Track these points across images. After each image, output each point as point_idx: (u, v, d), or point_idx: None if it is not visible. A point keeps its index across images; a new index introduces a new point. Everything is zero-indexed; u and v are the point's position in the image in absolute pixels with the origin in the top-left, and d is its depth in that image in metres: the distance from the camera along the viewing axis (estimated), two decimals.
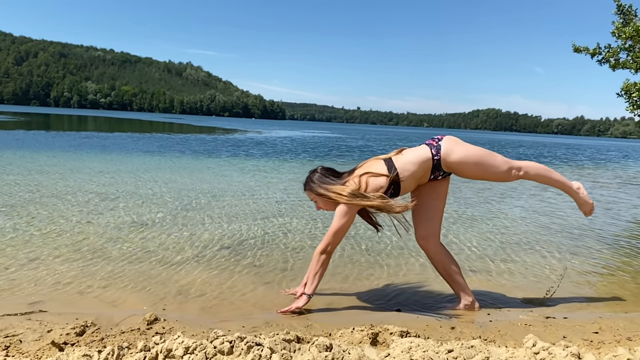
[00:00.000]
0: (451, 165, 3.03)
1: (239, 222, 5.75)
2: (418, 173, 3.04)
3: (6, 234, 4.69)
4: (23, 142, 16.32)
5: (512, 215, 7.19)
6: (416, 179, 3.07)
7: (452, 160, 3.01)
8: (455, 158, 3.00)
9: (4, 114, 52.85)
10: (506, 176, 3.08)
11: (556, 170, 3.33)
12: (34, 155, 12.26)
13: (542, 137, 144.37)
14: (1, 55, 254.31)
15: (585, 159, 25.50)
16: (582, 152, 36.10)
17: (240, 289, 3.52)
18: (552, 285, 3.82)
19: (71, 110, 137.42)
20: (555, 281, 4.00)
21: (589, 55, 12.20)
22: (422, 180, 3.11)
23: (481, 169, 3.04)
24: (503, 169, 3.06)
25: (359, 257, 4.48)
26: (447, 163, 3.02)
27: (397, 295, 3.54)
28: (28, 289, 3.30)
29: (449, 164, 3.03)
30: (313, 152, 20.06)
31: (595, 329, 2.87)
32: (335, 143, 28.54)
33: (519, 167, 3.10)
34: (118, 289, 3.39)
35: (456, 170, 3.07)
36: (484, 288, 3.78)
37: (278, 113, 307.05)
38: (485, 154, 3.06)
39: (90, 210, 5.99)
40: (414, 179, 3.06)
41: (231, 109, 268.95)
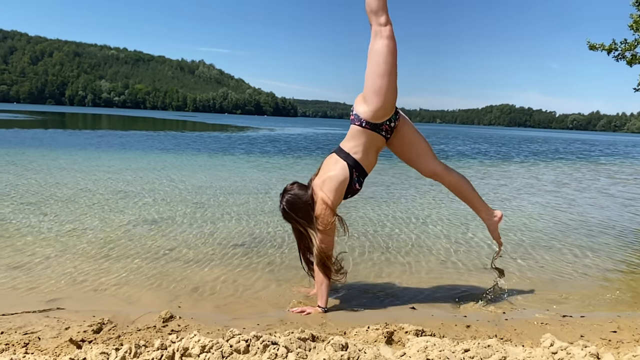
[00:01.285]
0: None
1: (254, 219, 5.77)
2: (370, 145, 3.04)
3: (25, 231, 4.75)
4: (42, 140, 16.52)
5: (529, 211, 7.13)
6: (373, 149, 3.08)
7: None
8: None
9: (21, 113, 53.53)
10: (426, 168, 3.24)
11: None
12: (54, 153, 12.41)
13: (557, 132, 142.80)
14: (17, 55, 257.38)
15: (601, 155, 25.18)
16: (597, 147, 35.66)
17: (254, 286, 3.53)
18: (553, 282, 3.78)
19: (85, 109, 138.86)
20: (572, 279, 3.96)
21: (605, 51, 12.00)
22: (380, 144, 3.11)
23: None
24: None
25: (375, 255, 4.47)
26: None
27: (411, 293, 3.52)
28: (46, 286, 3.35)
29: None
30: (327, 148, 20.04)
31: (614, 328, 2.83)
32: None
33: (444, 171, 3.25)
34: (134, 286, 3.42)
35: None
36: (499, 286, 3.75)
37: (290, 110, 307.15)
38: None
39: (107, 207, 6.04)
40: (371, 151, 3.07)
41: (243, 107, 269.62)
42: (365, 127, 2.99)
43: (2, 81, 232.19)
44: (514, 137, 52.67)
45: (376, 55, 2.86)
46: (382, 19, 2.86)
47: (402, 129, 3.14)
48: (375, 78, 2.88)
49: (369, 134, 3.00)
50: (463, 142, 32.53)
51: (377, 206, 6.92)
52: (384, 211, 6.57)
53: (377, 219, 6.04)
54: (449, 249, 4.79)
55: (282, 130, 41.32)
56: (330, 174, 3.00)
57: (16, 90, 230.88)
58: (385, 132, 3.05)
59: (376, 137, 3.03)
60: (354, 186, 3.06)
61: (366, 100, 2.95)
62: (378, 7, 2.86)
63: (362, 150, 3.03)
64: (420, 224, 5.88)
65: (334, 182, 2.97)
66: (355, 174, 3.04)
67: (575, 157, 22.54)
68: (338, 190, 2.99)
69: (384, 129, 3.03)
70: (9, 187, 7.10)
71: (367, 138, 3.01)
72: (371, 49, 2.88)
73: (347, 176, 2.99)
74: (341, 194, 3.02)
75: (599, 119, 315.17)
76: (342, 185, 2.99)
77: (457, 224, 5.97)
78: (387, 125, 3.03)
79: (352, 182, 3.03)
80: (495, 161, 17.38)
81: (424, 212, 6.69)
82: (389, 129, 3.06)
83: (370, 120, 2.96)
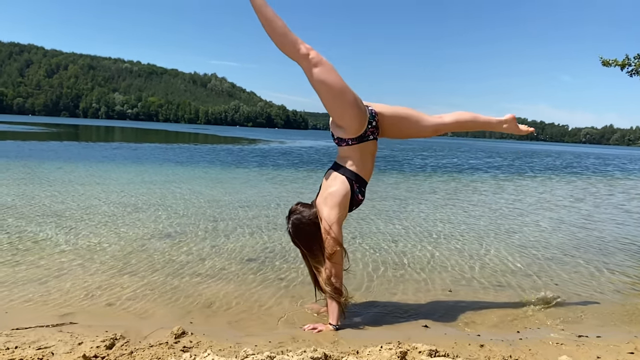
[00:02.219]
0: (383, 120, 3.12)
1: (267, 233, 5.77)
2: (364, 155, 3.06)
3: (41, 244, 4.80)
4: (58, 152, 16.75)
5: (545, 227, 7.06)
6: (368, 157, 3.09)
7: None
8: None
9: (37, 125, 54.30)
10: (428, 128, 3.23)
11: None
12: (70, 166, 12.55)
13: (570, 146, 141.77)
14: (33, 68, 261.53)
15: (616, 169, 24.91)
16: (612, 161, 35.29)
17: (266, 302, 3.52)
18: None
19: (99, 121, 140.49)
20: (588, 297, 3.91)
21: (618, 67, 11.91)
22: (374, 148, 3.12)
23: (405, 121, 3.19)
24: (426, 121, 3.23)
25: (387, 271, 4.45)
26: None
27: (424, 310, 3.49)
28: (59, 300, 3.37)
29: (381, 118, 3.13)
30: None
31: (631, 349, 2.78)
32: None
33: (440, 118, 3.27)
34: (146, 301, 3.43)
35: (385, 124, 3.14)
36: (513, 303, 3.70)
37: (301, 123, 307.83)
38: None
39: (121, 221, 6.08)
40: (367, 160, 3.08)
41: (255, 119, 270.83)
42: (353, 143, 3.02)
43: (18, 94, 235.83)
44: (526, 151, 52.33)
45: (320, 85, 2.89)
46: (300, 51, 2.86)
47: (385, 118, 3.13)
48: (333, 104, 2.94)
49: (359, 147, 3.03)
50: (475, 156, 32.36)
51: (390, 221, 6.89)
52: (397, 226, 6.54)
53: (390, 234, 6.01)
54: (463, 266, 4.75)
55: (293, 142, 41.42)
56: (331, 190, 3.00)
57: (32, 103, 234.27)
58: (372, 135, 3.07)
59: (367, 145, 3.06)
60: (357, 197, 3.07)
61: (338, 125, 3.01)
62: (288, 43, 2.86)
63: (358, 162, 3.05)
64: (434, 240, 5.84)
65: (336, 197, 2.97)
66: (356, 185, 3.04)
67: (589, 171, 22.32)
68: (341, 205, 2.98)
69: (369, 133, 3.04)
70: (26, 199, 7.18)
71: (359, 150, 3.04)
72: (312, 81, 2.91)
73: (348, 189, 3.00)
74: (345, 208, 3.01)
75: (613, 133, 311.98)
76: (345, 198, 2.99)
77: (471, 240, 5.92)
78: (370, 128, 3.04)
79: (354, 193, 3.03)
80: (508, 175, 17.27)
81: (438, 227, 6.65)
82: (373, 129, 3.07)
83: (354, 136, 2.99)
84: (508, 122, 3.51)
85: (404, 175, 14.94)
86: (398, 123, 3.18)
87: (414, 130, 3.25)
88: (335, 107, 2.97)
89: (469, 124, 3.38)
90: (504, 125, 3.50)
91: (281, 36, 2.86)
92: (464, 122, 3.36)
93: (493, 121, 3.48)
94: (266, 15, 2.84)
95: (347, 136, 3.01)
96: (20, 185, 8.55)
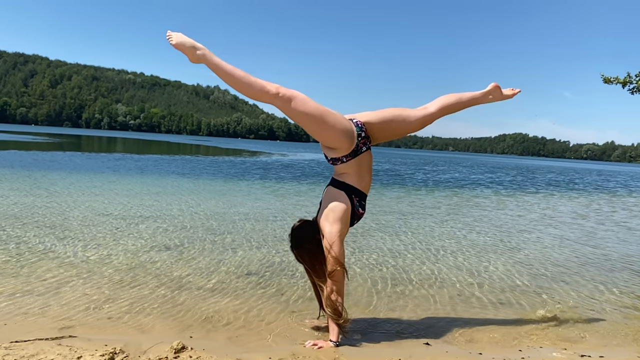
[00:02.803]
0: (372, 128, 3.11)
1: (268, 247, 5.76)
2: (360, 167, 3.07)
3: (41, 255, 4.78)
4: (61, 163, 16.77)
5: (548, 244, 7.03)
6: (365, 168, 3.10)
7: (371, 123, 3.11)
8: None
9: (40, 135, 54.48)
10: (416, 122, 3.19)
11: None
12: (73, 176, 12.58)
13: (572, 162, 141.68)
14: (37, 78, 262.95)
15: (618, 186, 24.87)
16: (614, 178, 35.26)
17: (266, 317, 3.50)
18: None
19: (101, 132, 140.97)
20: (591, 315, 3.88)
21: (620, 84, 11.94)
22: (369, 158, 3.14)
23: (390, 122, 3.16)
24: (414, 116, 3.20)
25: (389, 287, 4.43)
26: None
27: (425, 327, 3.46)
28: (59, 313, 3.35)
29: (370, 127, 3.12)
30: None
31: None
32: None
33: (425, 109, 3.24)
34: (147, 315, 3.41)
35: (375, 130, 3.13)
36: (515, 321, 3.68)
37: (302, 135, 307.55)
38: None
39: (122, 233, 6.08)
40: (364, 172, 3.09)
41: (257, 132, 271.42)
42: (348, 159, 3.03)
43: (22, 104, 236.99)
44: (528, 167, 52.34)
45: (299, 117, 2.92)
46: (270, 92, 2.88)
47: (373, 126, 3.12)
48: (318, 130, 2.97)
49: (354, 161, 3.04)
50: (477, 171, 32.35)
51: (393, 236, 6.87)
52: (399, 241, 6.53)
53: (392, 249, 5.99)
54: (465, 282, 4.73)
55: (295, 155, 41.48)
56: (331, 205, 3.00)
57: (35, 113, 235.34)
58: (365, 146, 3.08)
59: (362, 157, 3.07)
60: (357, 211, 3.07)
61: (329, 147, 3.04)
62: (256, 90, 2.88)
63: (355, 176, 3.06)
64: (436, 255, 5.82)
65: (337, 212, 2.97)
66: (356, 200, 3.05)
67: (591, 188, 22.30)
68: (343, 220, 2.97)
69: (361, 145, 3.05)
70: (29, 210, 7.18)
71: (355, 165, 3.05)
72: (291, 116, 2.96)
73: (348, 204, 3.00)
74: (347, 223, 3.01)
75: (614, 149, 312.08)
76: (346, 213, 2.99)
77: (473, 256, 5.90)
78: (361, 141, 3.04)
79: (355, 207, 3.04)
80: (510, 191, 17.25)
81: (440, 242, 6.64)
82: (365, 141, 3.07)
83: (347, 153, 3.00)
84: (492, 92, 3.46)
85: (406, 190, 14.93)
86: (387, 126, 3.16)
87: (403, 129, 3.23)
88: (320, 133, 2.99)
89: (455, 106, 3.36)
90: (489, 96, 3.45)
91: (247, 85, 2.89)
92: (450, 106, 3.33)
93: (478, 95, 3.43)
94: (226, 72, 2.88)
95: (340, 155, 3.02)
96: (24, 196, 8.56)
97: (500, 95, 3.50)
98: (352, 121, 3.06)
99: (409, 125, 3.21)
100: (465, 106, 3.42)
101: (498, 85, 3.47)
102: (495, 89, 3.47)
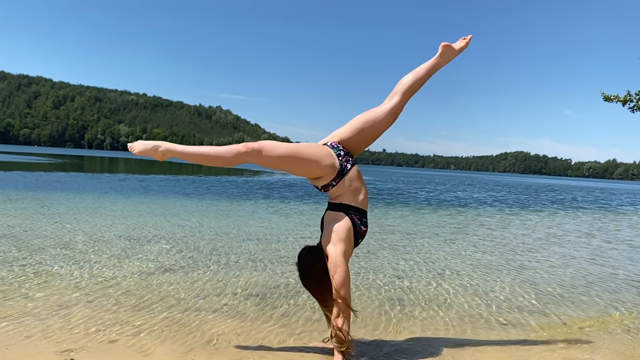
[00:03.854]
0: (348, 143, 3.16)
1: (274, 267, 5.70)
2: (352, 185, 3.08)
3: (45, 277, 4.73)
4: (65, 184, 16.75)
5: (555, 263, 6.97)
6: (358, 184, 3.11)
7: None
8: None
9: (43, 156, 54.68)
10: (386, 118, 3.18)
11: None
12: (79, 197, 12.56)
13: (574, 180, 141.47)
14: (41, 99, 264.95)
15: (622, 204, 24.77)
16: (617, 196, 35.15)
17: (270, 340, 3.45)
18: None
19: (104, 152, 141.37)
20: (599, 337, 3.80)
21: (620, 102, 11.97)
22: (357, 172, 3.13)
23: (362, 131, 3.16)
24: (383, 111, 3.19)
25: (394, 309, 4.37)
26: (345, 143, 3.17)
27: (430, 350, 3.40)
28: (61, 336, 3.30)
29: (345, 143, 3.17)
30: None
31: None
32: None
33: (389, 101, 3.21)
34: (149, 338, 3.36)
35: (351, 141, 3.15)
36: (522, 341, 3.62)
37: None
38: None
39: (129, 254, 6.03)
40: (357, 187, 3.10)
41: None
42: (337, 182, 3.04)
43: (25, 125, 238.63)
44: (531, 185, 52.26)
45: (275, 163, 3.01)
46: (240, 152, 2.96)
47: (348, 141, 3.16)
48: (298, 169, 3.06)
49: (344, 181, 3.05)
50: (479, 190, 32.28)
51: (398, 256, 6.82)
52: (405, 261, 6.48)
53: (398, 269, 5.94)
54: (472, 302, 4.66)
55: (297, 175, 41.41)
56: (333, 227, 2.99)
57: (38, 134, 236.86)
58: (349, 163, 3.09)
59: (351, 175, 3.07)
60: (360, 229, 3.05)
61: (316, 179, 3.08)
62: (231, 157, 2.98)
63: (350, 194, 3.06)
64: (442, 275, 5.76)
65: (339, 232, 2.96)
66: (356, 218, 3.03)
67: (595, 206, 22.21)
68: (346, 240, 2.96)
69: (345, 164, 3.06)
70: (33, 230, 7.15)
71: (346, 184, 3.05)
72: (269, 166, 3.05)
73: (349, 223, 2.99)
74: (350, 242, 2.99)
75: (616, 167, 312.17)
76: (349, 233, 2.97)
77: (479, 276, 5.84)
78: (343, 160, 3.06)
79: (356, 226, 3.02)
80: (515, 209, 17.18)
81: (446, 262, 6.58)
82: (347, 158, 3.09)
83: (334, 176, 3.02)
84: (445, 53, 3.30)
85: (410, 209, 14.87)
86: (361, 135, 3.17)
87: (377, 130, 3.21)
88: (301, 169, 3.04)
89: (416, 84, 3.27)
90: (441, 58, 3.31)
91: (218, 156, 3.00)
92: (411, 86, 3.25)
93: (432, 62, 3.30)
94: (195, 154, 3.03)
95: (328, 180, 3.04)
96: (29, 217, 8.53)
97: (454, 51, 3.34)
98: (326, 145, 3.09)
99: (381, 124, 3.19)
100: (426, 78, 3.31)
101: (447, 44, 3.31)
102: (446, 48, 3.30)
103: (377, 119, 3.18)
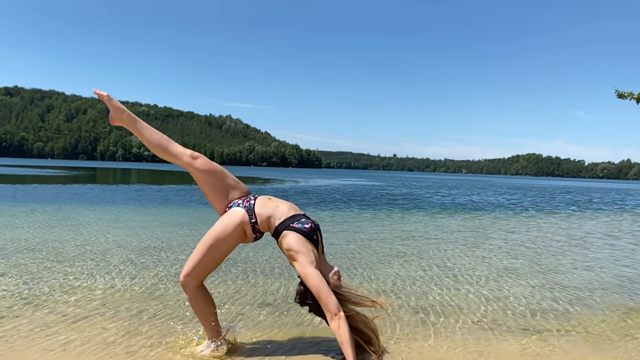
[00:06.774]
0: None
1: (287, 276, 5.61)
2: (266, 204, 3.26)
3: (63, 288, 4.70)
4: (84, 196, 16.68)
5: (580, 265, 6.88)
6: (266, 200, 3.31)
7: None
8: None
9: (58, 169, 55.14)
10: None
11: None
12: (102, 210, 12.49)
13: (588, 182, 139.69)
14: (53, 113, 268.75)
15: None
16: (634, 197, 34.59)
17: (284, 352, 3.38)
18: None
19: (116, 164, 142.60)
20: (613, 343, 3.64)
21: (634, 100, 11.76)
22: (264, 198, 3.32)
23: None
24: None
25: (405, 315, 4.30)
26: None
27: (443, 357, 3.32)
28: (78, 348, 3.27)
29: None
30: (357, 200, 19.87)
31: None
32: (377, 191, 28.18)
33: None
34: (164, 349, 3.32)
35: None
36: (540, 348, 3.52)
37: (314, 162, 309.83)
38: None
39: (144, 265, 6.00)
40: (271, 201, 3.31)
41: (269, 159, 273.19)
42: (257, 219, 3.17)
43: (38, 138, 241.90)
44: (545, 187, 51.68)
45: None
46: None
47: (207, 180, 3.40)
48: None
49: (259, 214, 3.17)
50: (494, 193, 31.92)
51: (417, 261, 6.78)
52: (413, 268, 6.41)
53: (407, 276, 5.89)
54: (483, 309, 4.58)
55: (307, 182, 41.33)
56: (287, 247, 3.05)
57: (51, 147, 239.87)
58: (252, 199, 3.28)
59: (258, 204, 3.20)
60: (305, 229, 3.08)
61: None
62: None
63: (275, 216, 3.16)
64: (453, 282, 5.69)
65: (293, 247, 3.02)
66: (296, 225, 3.09)
67: (614, 206, 21.85)
68: (302, 249, 3.02)
69: (246, 205, 3.22)
70: (56, 242, 7.11)
71: (263, 215, 3.17)
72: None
73: (294, 234, 3.05)
74: (307, 246, 3.03)
75: (630, 167, 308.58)
76: (300, 241, 3.03)
77: (490, 281, 5.72)
78: (245, 203, 3.24)
79: (300, 230, 3.06)
80: (532, 212, 16.98)
81: (456, 268, 6.48)
82: (247, 198, 3.29)
83: (251, 220, 3.17)
84: (111, 107, 3.36)
85: (427, 213, 14.72)
86: (210, 179, 3.41)
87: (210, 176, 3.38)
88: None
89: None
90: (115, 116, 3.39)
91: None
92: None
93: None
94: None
95: (252, 231, 3.19)
96: (52, 228, 8.51)
97: (112, 106, 3.37)
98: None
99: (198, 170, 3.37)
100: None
101: (106, 95, 3.32)
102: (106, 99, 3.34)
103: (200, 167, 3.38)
